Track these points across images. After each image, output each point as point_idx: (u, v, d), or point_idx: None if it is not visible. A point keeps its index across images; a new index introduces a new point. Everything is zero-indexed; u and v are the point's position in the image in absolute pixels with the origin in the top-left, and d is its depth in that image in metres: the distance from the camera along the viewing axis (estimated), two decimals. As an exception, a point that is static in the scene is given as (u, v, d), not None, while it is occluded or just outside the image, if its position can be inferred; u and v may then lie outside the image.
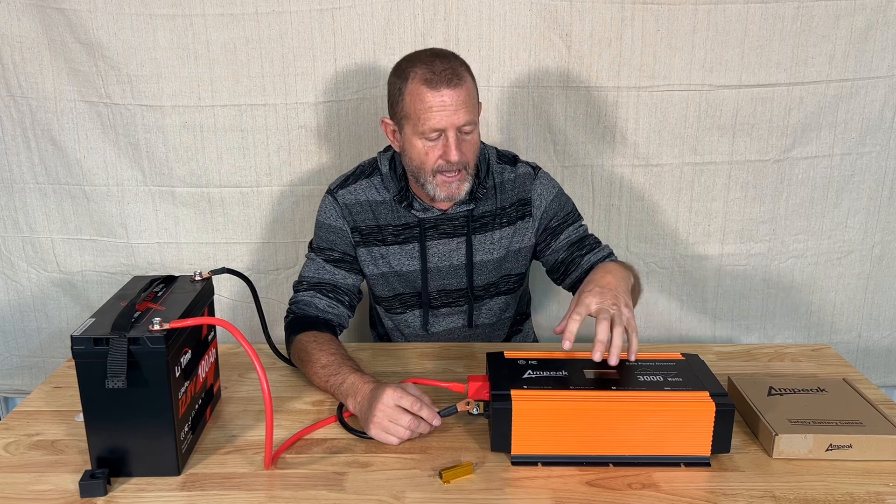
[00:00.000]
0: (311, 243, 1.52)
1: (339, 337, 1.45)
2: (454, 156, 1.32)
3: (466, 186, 1.38)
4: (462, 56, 1.75)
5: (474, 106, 1.35)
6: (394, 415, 1.13)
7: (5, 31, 1.73)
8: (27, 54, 1.75)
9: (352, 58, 1.76)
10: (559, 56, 1.77)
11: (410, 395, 1.14)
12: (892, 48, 1.76)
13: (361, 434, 1.18)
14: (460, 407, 1.15)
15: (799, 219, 1.90)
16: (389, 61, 1.76)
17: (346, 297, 1.48)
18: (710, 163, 1.85)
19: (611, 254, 1.50)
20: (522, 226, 1.50)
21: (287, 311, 1.46)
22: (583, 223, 1.54)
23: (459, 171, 1.35)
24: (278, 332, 1.45)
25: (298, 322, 1.41)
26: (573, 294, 1.47)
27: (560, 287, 1.55)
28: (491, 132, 1.83)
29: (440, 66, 1.31)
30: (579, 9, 1.72)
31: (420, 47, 1.74)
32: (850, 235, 1.92)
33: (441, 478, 1.06)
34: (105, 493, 1.03)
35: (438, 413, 1.15)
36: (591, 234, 1.53)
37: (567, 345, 1.11)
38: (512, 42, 1.75)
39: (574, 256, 1.49)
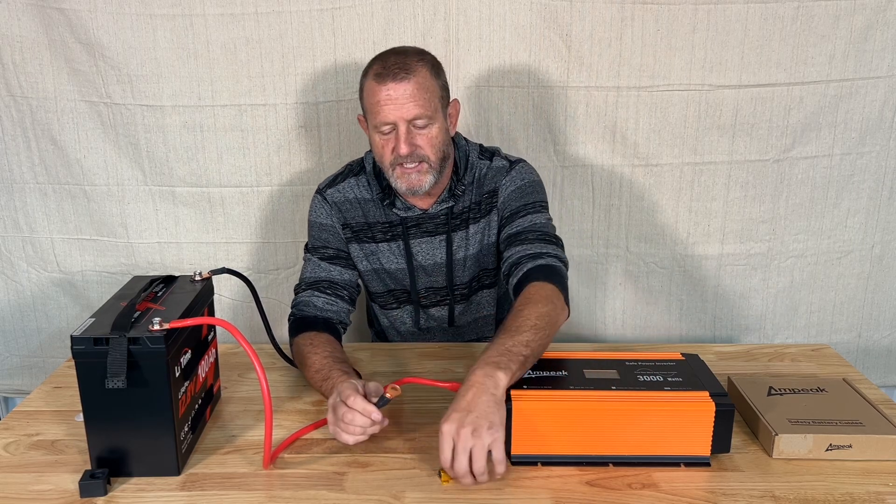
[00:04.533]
0: (306, 245, 1.53)
1: (344, 334, 1.46)
2: (402, 149, 1.33)
3: (428, 178, 1.38)
4: (461, 56, 1.76)
5: (428, 100, 1.33)
6: (339, 411, 1.11)
7: (5, 31, 1.73)
8: (27, 54, 1.75)
9: (352, 58, 1.76)
10: (559, 56, 1.77)
11: (349, 392, 1.11)
12: (892, 48, 1.76)
13: None
14: (389, 394, 1.10)
15: (799, 219, 1.90)
16: (389, 61, 1.76)
17: (345, 292, 1.47)
18: (709, 163, 1.85)
19: (537, 257, 1.33)
20: (492, 217, 1.49)
21: (289, 315, 1.46)
22: (541, 217, 1.42)
23: (418, 162, 1.36)
24: (279, 333, 1.45)
25: (297, 324, 1.41)
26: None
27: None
28: (491, 132, 1.83)
29: (392, 60, 1.34)
30: (579, 9, 1.72)
31: (420, 47, 1.75)
32: (850, 235, 1.92)
33: (440, 477, 1.06)
34: (105, 493, 1.03)
35: (375, 405, 1.10)
36: (538, 230, 1.39)
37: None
38: (512, 42, 1.75)
39: (503, 249, 1.42)
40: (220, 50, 1.75)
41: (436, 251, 1.50)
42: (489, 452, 1.01)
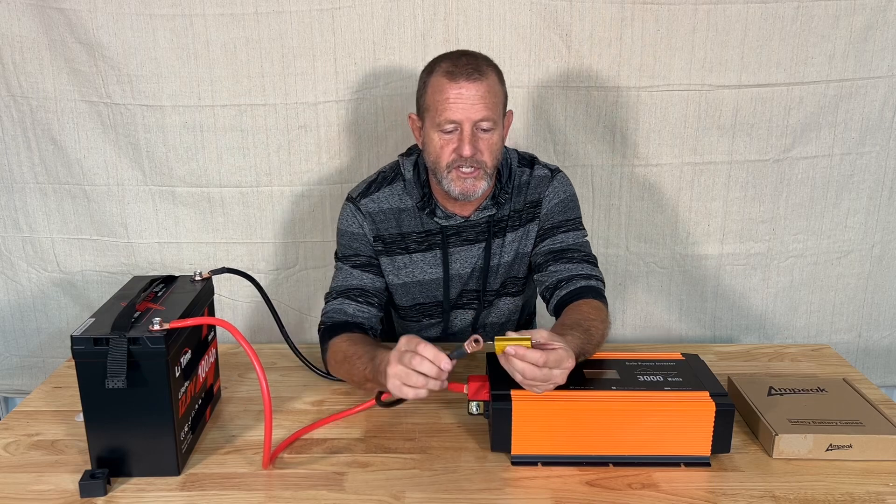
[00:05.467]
0: (336, 253, 1.50)
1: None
2: (466, 150, 1.30)
3: (483, 185, 1.35)
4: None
5: (496, 105, 1.32)
6: (405, 358, 1.05)
7: (5, 31, 1.73)
8: (27, 54, 1.75)
9: (352, 58, 1.76)
10: (559, 56, 1.77)
11: (419, 339, 1.07)
12: (892, 48, 1.76)
13: (390, 404, 1.15)
14: (468, 347, 1.04)
15: (799, 219, 1.90)
16: (389, 61, 1.76)
17: (376, 299, 1.44)
18: (709, 163, 1.85)
19: (589, 279, 1.38)
20: (531, 228, 1.48)
21: (319, 324, 1.44)
22: (582, 236, 1.46)
23: (475, 168, 1.33)
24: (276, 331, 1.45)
25: (329, 330, 1.38)
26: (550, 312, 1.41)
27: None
28: (491, 132, 1.83)
29: (464, 61, 1.31)
30: (579, 9, 1.72)
31: (420, 47, 1.75)
32: (850, 235, 1.92)
33: (494, 343, 1.05)
34: (105, 493, 1.03)
35: (448, 355, 1.04)
36: (582, 250, 1.44)
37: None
38: (512, 42, 1.75)
39: (547, 262, 1.42)
40: (220, 50, 1.75)
41: (473, 259, 1.48)
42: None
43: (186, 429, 1.12)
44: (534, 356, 1.03)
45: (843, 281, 1.96)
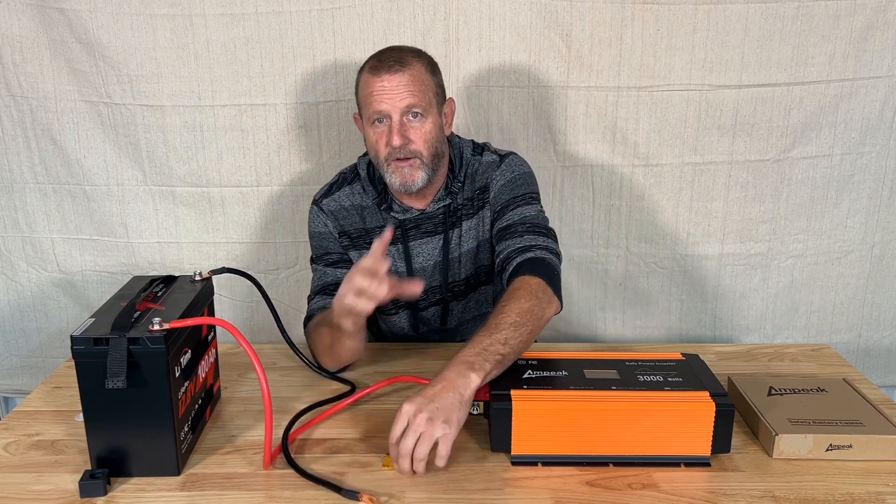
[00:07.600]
0: (311, 257, 1.52)
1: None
2: (395, 140, 1.33)
3: (421, 174, 1.37)
4: (461, 56, 1.76)
5: (423, 92, 1.35)
6: (350, 276, 1.13)
7: (5, 31, 1.73)
8: (27, 54, 1.76)
9: (352, 58, 1.76)
10: (559, 56, 1.77)
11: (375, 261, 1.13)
12: (892, 48, 1.76)
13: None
14: (362, 498, 1.00)
15: (799, 219, 1.90)
16: (389, 61, 1.76)
17: None
18: (710, 163, 1.85)
19: (526, 251, 1.31)
20: (485, 214, 1.48)
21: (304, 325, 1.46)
22: (531, 209, 1.41)
23: (409, 157, 1.36)
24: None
25: (308, 322, 1.42)
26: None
27: None
28: (491, 132, 1.83)
29: (388, 54, 1.36)
30: (579, 9, 1.72)
31: (420, 47, 1.75)
32: (850, 235, 1.92)
33: (383, 462, 1.09)
34: (105, 493, 1.03)
35: (345, 492, 1.01)
36: (527, 222, 1.38)
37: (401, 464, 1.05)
38: (512, 42, 1.75)
39: (496, 244, 1.40)
40: (220, 50, 1.75)
41: (435, 251, 1.50)
42: (436, 446, 1.03)
43: (186, 429, 1.12)
44: (395, 436, 1.03)
45: (844, 281, 1.96)
